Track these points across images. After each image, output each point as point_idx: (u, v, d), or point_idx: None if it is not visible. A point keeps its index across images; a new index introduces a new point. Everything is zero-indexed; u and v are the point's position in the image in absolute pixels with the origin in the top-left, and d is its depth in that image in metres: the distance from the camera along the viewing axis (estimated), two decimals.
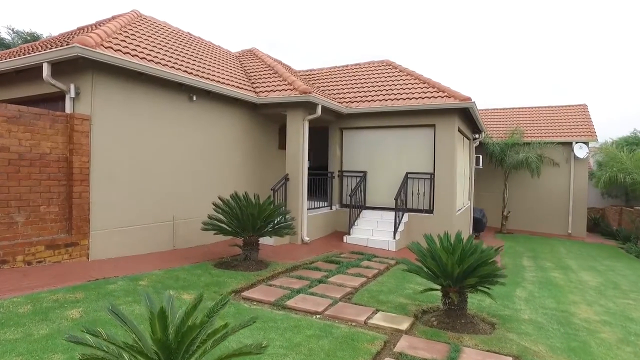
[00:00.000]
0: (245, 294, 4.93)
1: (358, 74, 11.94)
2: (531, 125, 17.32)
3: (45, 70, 5.56)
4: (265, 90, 8.98)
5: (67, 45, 5.54)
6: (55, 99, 6.28)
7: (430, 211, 9.63)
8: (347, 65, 12.81)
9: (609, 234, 16.47)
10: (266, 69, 10.32)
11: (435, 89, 9.62)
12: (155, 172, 6.88)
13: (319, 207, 9.79)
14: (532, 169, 14.93)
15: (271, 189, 8.20)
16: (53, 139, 5.47)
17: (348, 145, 10.63)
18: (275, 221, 6.45)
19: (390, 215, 9.63)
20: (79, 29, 9.07)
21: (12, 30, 18.70)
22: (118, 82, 6.17)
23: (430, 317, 4.67)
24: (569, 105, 17.87)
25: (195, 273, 5.56)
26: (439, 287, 4.61)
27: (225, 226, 6.29)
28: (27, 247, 5.12)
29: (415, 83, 10.27)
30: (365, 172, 10.23)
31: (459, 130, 9.96)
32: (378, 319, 4.36)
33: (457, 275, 4.30)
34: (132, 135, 6.43)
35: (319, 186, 10.04)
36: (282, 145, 10.35)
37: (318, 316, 4.39)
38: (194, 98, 7.44)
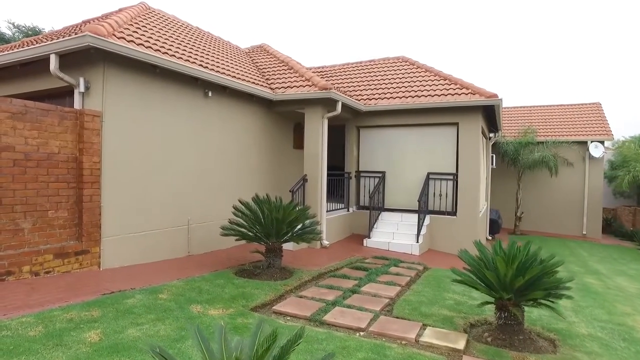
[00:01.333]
0: (277, 307, 4.47)
1: (373, 70, 11.50)
2: (544, 124, 16.94)
3: (53, 63, 5.08)
4: (282, 87, 8.52)
5: (76, 35, 5.06)
6: (62, 95, 5.81)
7: (452, 213, 9.20)
8: (360, 62, 12.37)
9: (624, 235, 16.08)
10: (280, 64, 9.86)
11: (458, 86, 9.19)
12: (170, 172, 6.41)
13: (336, 209, 9.33)
14: (549, 168, 14.53)
15: (290, 191, 7.75)
16: (62, 137, 4.99)
17: (365, 145, 10.18)
18: (300, 226, 5.99)
19: (411, 217, 9.21)
20: (84, 22, 8.58)
21: (13, 24, 18.05)
22: (131, 76, 5.69)
23: (482, 332, 4.24)
24: (582, 104, 17.50)
25: (218, 283, 5.10)
26: (492, 299, 4.18)
27: (247, 231, 5.83)
28: (34, 257, 4.64)
29: (436, 80, 9.84)
30: (384, 173, 9.79)
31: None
32: (429, 336, 3.92)
33: (518, 287, 3.86)
34: (145, 134, 5.96)
35: (335, 187, 9.59)
36: (297, 144, 9.90)
37: (362, 333, 3.94)
38: (210, 94, 6.97)
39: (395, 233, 8.95)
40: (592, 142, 15.12)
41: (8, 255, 4.41)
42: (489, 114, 9.85)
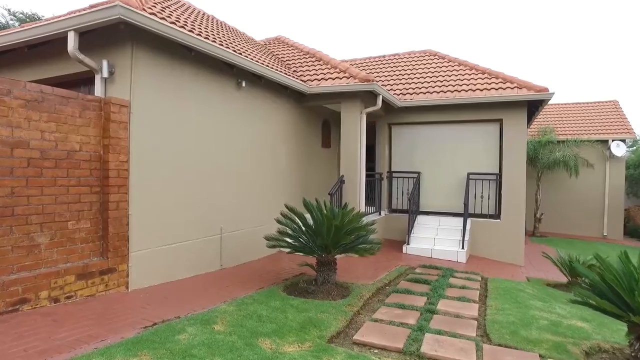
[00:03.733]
0: (357, 337, 3.67)
1: (399, 65, 10.78)
2: (560, 123, 16.49)
3: (72, 42, 4.19)
4: (315, 79, 7.71)
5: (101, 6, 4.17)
6: (78, 83, 4.91)
7: (495, 216, 8.53)
8: (384, 56, 11.64)
9: None
10: (305, 56, 9.05)
11: (500, 80, 8.53)
12: (203, 173, 5.55)
13: (369, 214, 8.56)
14: (570, 168, 14.04)
15: (329, 194, 6.95)
16: (83, 131, 4.10)
17: (398, 143, 9.45)
18: (356, 235, 5.19)
19: (451, 221, 8.51)
20: (91, 6, 7.62)
21: (9, 11, 16.64)
22: (162, 60, 4.83)
23: None
24: (600, 102, 17.12)
25: (274, 306, 4.26)
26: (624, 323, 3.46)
27: (298, 243, 5.01)
28: (52, 279, 3.74)
29: (473, 73, 9.17)
30: (419, 173, 9.06)
31: None
32: None
33: None
34: (176, 128, 5.09)
35: (365, 189, 8.80)
36: (325, 143, 9.11)
37: None
38: (243, 84, 6.12)
39: (435, 238, 8.21)
40: (613, 140, 14.71)
41: (22, 279, 3.51)
42: (530, 110, 9.21)
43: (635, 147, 17.00)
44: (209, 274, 5.57)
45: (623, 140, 14.74)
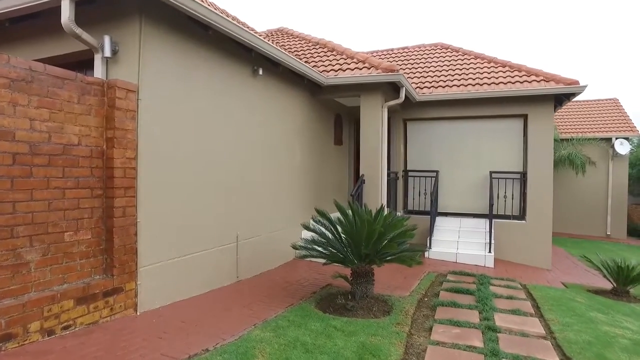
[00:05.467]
0: None
1: (411, 58, 10.23)
2: (561, 121, 16.31)
3: (66, 12, 3.41)
4: (332, 70, 7.05)
5: None
6: (72, 67, 4.11)
7: (520, 217, 8.06)
8: (392, 49, 11.08)
9: None
10: (314, 46, 8.38)
11: (524, 73, 8.06)
12: (218, 172, 4.83)
13: None
14: (576, 166, 13.81)
15: (351, 195, 6.30)
16: (83, 120, 3.34)
17: (414, 140, 8.88)
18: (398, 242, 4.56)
19: (472, 222, 8.02)
20: None
21: None
22: (175, 38, 4.09)
23: None
24: (600, 100, 17.03)
25: (315, 329, 3.58)
26: None
27: (335, 251, 4.35)
28: (46, 305, 2.97)
29: (492, 67, 8.68)
30: (437, 172, 8.51)
31: None
32: None
33: None
34: (190, 121, 4.36)
35: None
36: (337, 140, 8.47)
37: None
38: (260, 72, 5.42)
39: (459, 242, 7.67)
40: (617, 138, 14.57)
41: (7, 308, 2.73)
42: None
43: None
44: (225, 288, 4.84)
45: (626, 138, 14.62)
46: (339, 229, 4.52)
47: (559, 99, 8.06)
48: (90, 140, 3.39)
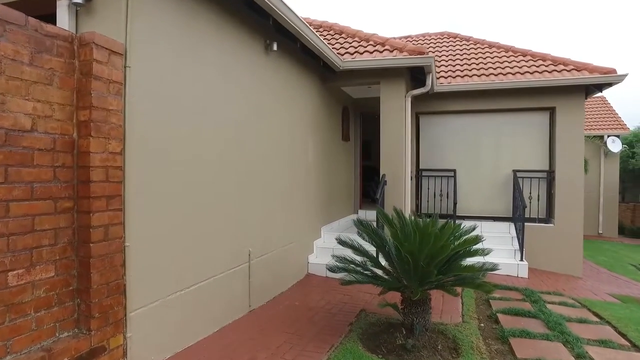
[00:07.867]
0: None
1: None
2: None
3: None
4: (347, 52, 6.03)
5: None
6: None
7: (546, 220, 7.39)
8: (394, 38, 10.17)
9: (634, 233, 15.68)
10: (318, 29, 7.29)
11: (549, 62, 7.38)
12: (228, 173, 3.70)
13: None
14: None
15: (376, 198, 5.33)
16: (39, 92, 2.13)
17: (427, 136, 8.02)
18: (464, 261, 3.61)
19: (495, 227, 7.29)
20: None
21: None
22: None
23: None
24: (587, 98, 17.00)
25: None
26: None
27: (387, 276, 3.35)
28: None
29: (512, 56, 7.97)
30: (454, 171, 7.69)
31: None
32: None
33: None
34: (196, 105, 3.21)
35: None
36: (345, 135, 7.48)
37: None
38: (275, 47, 4.30)
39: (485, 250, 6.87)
40: (608, 136, 14.49)
41: None
42: None
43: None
44: (238, 324, 3.72)
45: (617, 136, 14.58)
46: (389, 242, 3.52)
47: (590, 91, 7.45)
48: (52, 124, 2.19)
